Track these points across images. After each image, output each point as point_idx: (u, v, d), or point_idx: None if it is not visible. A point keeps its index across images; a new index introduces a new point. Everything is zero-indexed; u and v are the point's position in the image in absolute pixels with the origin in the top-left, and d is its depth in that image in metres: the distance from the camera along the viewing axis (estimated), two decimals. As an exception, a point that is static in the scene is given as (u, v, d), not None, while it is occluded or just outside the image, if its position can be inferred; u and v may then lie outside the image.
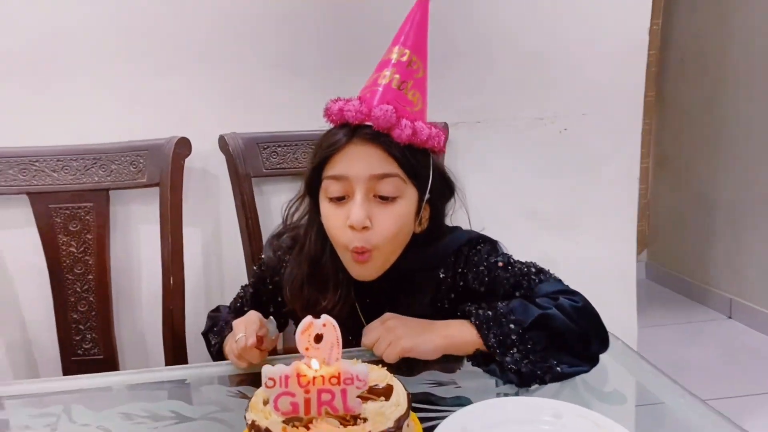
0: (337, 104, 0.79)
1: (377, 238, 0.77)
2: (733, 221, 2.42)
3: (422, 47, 0.81)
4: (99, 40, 1.21)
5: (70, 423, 0.66)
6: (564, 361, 0.70)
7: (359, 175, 0.76)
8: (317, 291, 0.83)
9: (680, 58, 2.66)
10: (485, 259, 0.84)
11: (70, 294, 1.23)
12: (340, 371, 0.54)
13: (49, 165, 1.19)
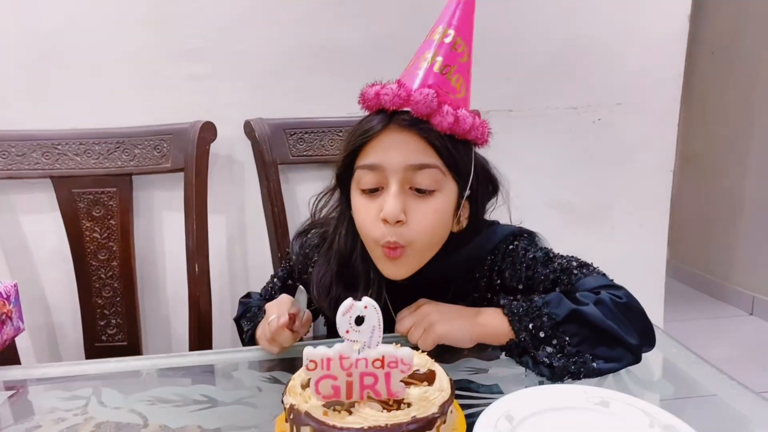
0: (374, 88, 0.73)
1: (412, 234, 0.71)
2: (756, 219, 2.40)
3: (469, 29, 0.75)
4: (124, 22, 1.19)
5: (101, 406, 0.64)
6: (601, 357, 0.66)
7: (394, 164, 0.70)
8: (346, 290, 0.78)
9: (711, 52, 2.59)
10: (523, 255, 0.79)
11: (94, 280, 1.22)
12: (384, 354, 0.51)
13: (72, 148, 1.17)
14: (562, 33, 1.35)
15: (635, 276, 1.42)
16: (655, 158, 1.45)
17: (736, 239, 2.51)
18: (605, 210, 1.46)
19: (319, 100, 1.27)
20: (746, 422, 0.58)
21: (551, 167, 1.41)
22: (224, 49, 1.23)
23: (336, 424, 0.49)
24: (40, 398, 0.68)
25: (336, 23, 1.25)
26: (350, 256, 0.79)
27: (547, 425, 0.56)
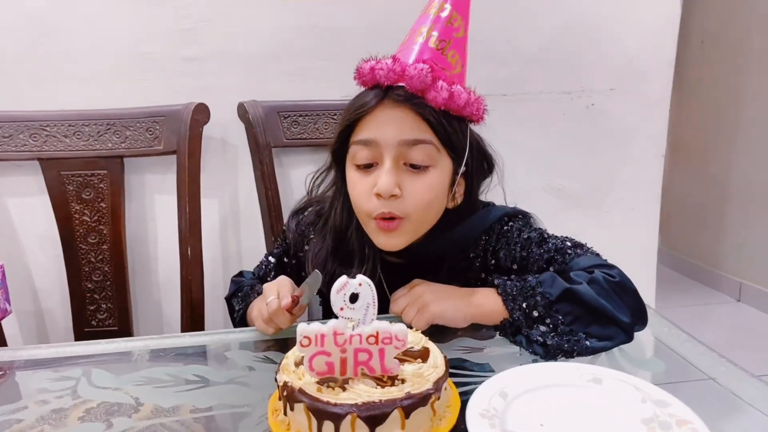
0: (369, 64, 0.73)
1: (407, 207, 0.72)
2: (744, 207, 2.43)
3: (465, 2, 0.75)
4: (115, 2, 1.17)
5: (90, 387, 0.63)
6: (594, 335, 0.66)
7: (389, 139, 0.71)
8: (341, 266, 0.78)
9: (701, 41, 2.60)
10: (518, 235, 0.80)
11: (84, 264, 1.20)
12: (378, 330, 0.51)
13: (60, 130, 1.15)
14: (557, 19, 1.34)
15: (627, 259, 1.42)
16: (647, 143, 1.45)
17: (724, 226, 2.54)
18: (598, 194, 1.46)
19: (313, 83, 1.26)
20: (738, 402, 0.58)
21: (545, 152, 1.41)
22: (218, 30, 1.21)
23: (330, 400, 0.49)
24: (27, 380, 0.67)
25: (331, 6, 1.23)
26: (346, 231, 0.79)
27: (541, 401, 0.56)
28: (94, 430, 0.55)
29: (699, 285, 2.70)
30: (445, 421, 0.53)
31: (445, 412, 0.54)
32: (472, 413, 0.53)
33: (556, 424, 0.53)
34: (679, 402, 0.53)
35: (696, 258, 2.73)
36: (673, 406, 0.53)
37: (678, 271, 2.85)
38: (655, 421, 0.52)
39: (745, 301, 2.47)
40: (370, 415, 0.48)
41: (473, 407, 0.54)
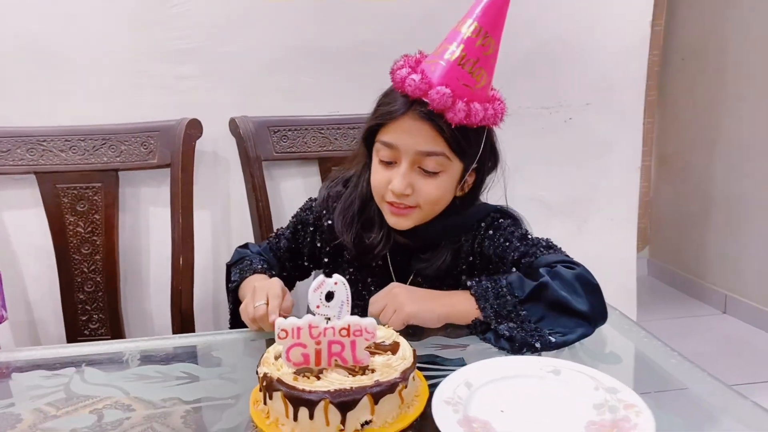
0: (402, 72, 0.80)
1: (418, 200, 0.83)
2: (729, 219, 2.47)
3: (499, 23, 0.81)
4: (112, 23, 1.22)
5: (83, 383, 0.67)
6: (557, 331, 0.72)
7: (407, 148, 0.81)
8: (363, 229, 0.89)
9: (681, 58, 2.69)
10: (504, 229, 0.88)
11: (76, 274, 1.24)
12: (349, 323, 0.56)
13: (57, 145, 1.20)
14: (534, 38, 1.41)
15: (608, 266, 1.50)
16: (623, 155, 1.52)
17: (709, 238, 2.58)
18: (577, 205, 1.52)
19: (302, 99, 1.31)
20: (716, 412, 0.61)
21: (525, 164, 1.45)
22: (210, 50, 1.27)
23: (305, 388, 0.54)
24: (22, 378, 0.70)
25: (319, 26, 1.30)
26: (370, 200, 0.89)
27: (503, 391, 0.60)
28: (86, 421, 0.59)
29: (686, 297, 2.71)
30: (413, 408, 0.58)
31: (413, 400, 0.59)
32: (438, 401, 0.57)
33: (516, 410, 0.57)
34: (628, 389, 0.58)
35: (683, 269, 2.76)
36: (622, 393, 0.58)
37: (666, 282, 2.87)
38: (605, 405, 0.57)
39: (731, 313, 2.48)
40: (341, 401, 0.53)
41: (439, 395, 0.58)
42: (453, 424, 0.53)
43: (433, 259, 0.88)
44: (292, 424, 0.54)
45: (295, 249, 0.99)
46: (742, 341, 2.27)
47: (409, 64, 0.81)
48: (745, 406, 0.59)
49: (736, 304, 2.45)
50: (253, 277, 0.89)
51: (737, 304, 2.44)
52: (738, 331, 2.35)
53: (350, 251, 0.91)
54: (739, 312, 2.43)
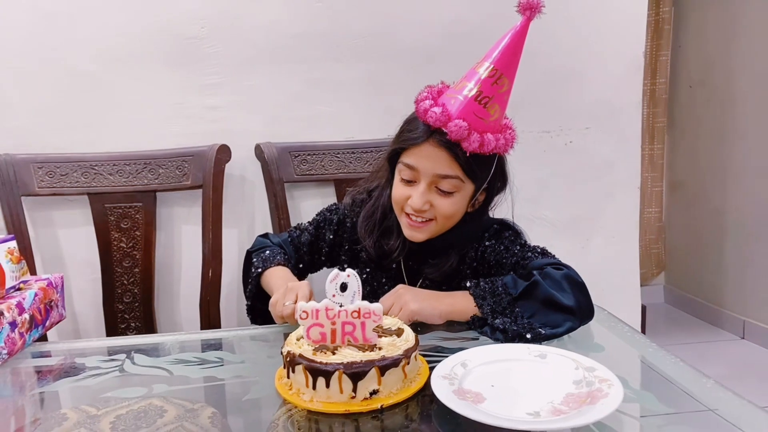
0: (425, 103, 0.91)
1: (435, 214, 0.93)
2: (745, 244, 2.47)
3: (513, 65, 0.90)
4: (151, 60, 1.38)
5: (133, 365, 0.78)
6: (547, 325, 0.81)
7: (427, 171, 0.91)
8: (382, 236, 1.00)
9: (689, 85, 2.76)
10: (506, 239, 0.99)
11: (117, 286, 1.37)
12: (360, 307, 0.66)
13: (106, 168, 1.35)
14: (536, 66, 1.52)
15: (612, 282, 1.57)
16: (622, 176, 1.60)
17: (724, 264, 2.57)
18: (580, 223, 1.60)
19: (320, 127, 1.44)
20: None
21: (528, 185, 1.53)
22: (238, 83, 1.42)
23: (322, 360, 0.63)
24: (87, 361, 0.82)
25: (334, 62, 1.44)
26: (390, 210, 0.99)
27: (494, 370, 0.69)
28: (138, 392, 0.70)
29: (703, 323, 2.68)
30: (415, 383, 0.67)
31: (415, 377, 0.68)
32: (436, 376, 0.66)
33: (504, 385, 0.66)
34: (605, 368, 0.66)
35: (700, 296, 2.73)
36: (598, 371, 0.66)
37: (682, 309, 2.83)
38: (583, 381, 0.65)
39: (749, 339, 2.45)
40: (353, 372, 0.62)
41: (437, 372, 0.67)
42: (449, 394, 0.62)
43: (441, 264, 0.98)
44: (311, 392, 0.64)
45: (316, 245, 1.09)
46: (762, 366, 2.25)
47: (432, 96, 0.92)
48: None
49: (755, 330, 2.42)
50: (277, 269, 0.99)
51: (756, 329, 2.42)
52: (757, 356, 2.33)
53: (369, 254, 1.02)
54: (757, 337, 2.41)
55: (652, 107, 2.74)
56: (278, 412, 0.65)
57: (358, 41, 1.44)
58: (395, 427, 0.62)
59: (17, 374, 0.80)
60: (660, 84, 2.73)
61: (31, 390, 0.76)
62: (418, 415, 0.65)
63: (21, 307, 0.85)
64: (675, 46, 2.75)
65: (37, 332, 0.89)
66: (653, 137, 2.77)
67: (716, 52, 2.56)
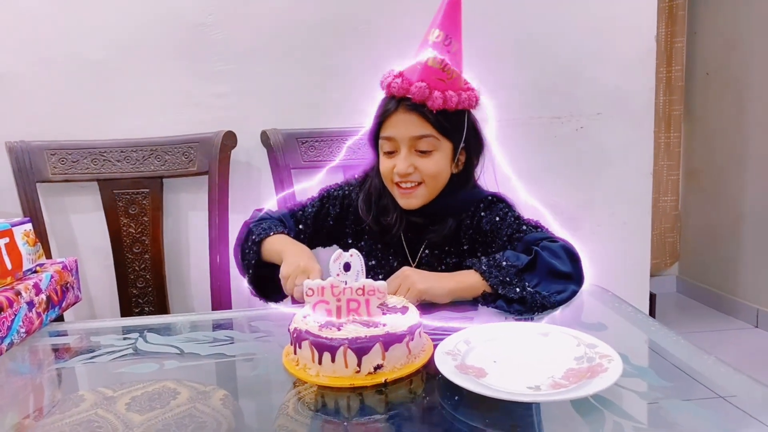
0: (388, 78, 1.00)
1: (422, 176, 0.98)
2: (760, 233, 2.44)
3: (456, 26, 0.98)
4: (159, 48, 1.40)
5: (146, 343, 0.80)
6: (554, 292, 0.86)
7: (403, 136, 0.97)
8: (379, 213, 1.05)
9: (706, 72, 2.72)
10: (500, 210, 1.03)
11: (130, 272, 1.39)
12: (364, 284, 0.67)
13: (114, 155, 1.37)
14: (547, 52, 1.52)
15: (622, 268, 1.57)
16: (634, 162, 1.59)
17: (740, 252, 2.55)
18: (591, 209, 1.59)
19: (327, 114, 1.45)
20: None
21: (539, 171, 1.54)
22: (244, 70, 1.43)
23: (328, 336, 0.65)
24: (102, 339, 0.84)
25: (340, 49, 1.44)
26: (382, 192, 1.05)
27: (496, 347, 0.70)
28: (150, 368, 0.72)
29: (717, 312, 2.67)
30: (419, 359, 0.68)
31: (419, 353, 0.69)
32: (440, 352, 0.67)
33: (506, 361, 0.67)
34: (606, 344, 0.66)
35: (713, 285, 2.71)
36: (599, 347, 0.66)
37: (694, 298, 2.82)
38: (584, 357, 0.65)
39: (763, 327, 2.45)
40: (357, 347, 0.64)
41: (441, 349, 0.68)
42: (452, 369, 0.63)
43: (440, 229, 1.02)
44: (318, 367, 0.65)
45: (321, 218, 1.12)
46: (776, 353, 2.25)
47: (393, 74, 0.99)
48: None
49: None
50: (280, 236, 1.01)
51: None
52: (771, 344, 2.34)
53: (372, 229, 1.06)
54: (772, 326, 2.42)
55: (668, 95, 2.70)
56: (288, 395, 0.66)
57: (365, 27, 1.44)
58: (399, 401, 0.63)
59: (35, 352, 0.83)
60: (676, 71, 2.69)
61: (48, 367, 0.79)
62: (422, 389, 0.66)
63: (38, 288, 0.87)
64: (690, 33, 2.70)
65: (54, 312, 0.92)
66: (669, 125, 2.73)
67: (732, 38, 2.51)
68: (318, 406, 0.63)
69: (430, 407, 0.63)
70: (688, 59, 2.71)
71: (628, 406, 0.59)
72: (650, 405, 0.61)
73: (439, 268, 1.05)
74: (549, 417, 0.61)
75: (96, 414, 0.63)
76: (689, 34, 2.69)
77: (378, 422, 0.60)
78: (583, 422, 0.57)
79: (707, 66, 2.69)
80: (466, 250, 1.04)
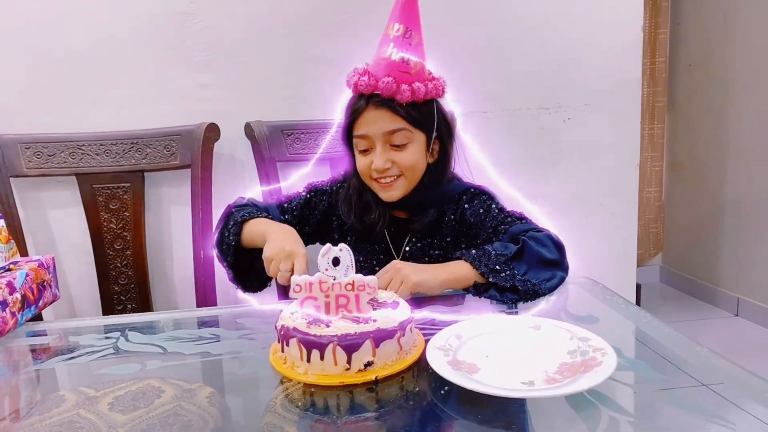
0: (354, 78, 1.00)
1: (400, 169, 0.99)
2: (740, 223, 2.48)
3: (415, 18, 0.99)
4: (139, 37, 1.35)
5: (128, 342, 0.78)
6: (542, 279, 0.87)
7: (376, 133, 0.97)
8: (362, 210, 1.05)
9: (689, 64, 2.74)
10: (484, 202, 1.04)
11: (111, 268, 1.35)
12: (354, 280, 0.65)
13: (93, 149, 1.32)
14: (533, 42, 1.50)
15: (609, 259, 1.57)
16: (621, 154, 1.59)
17: (721, 243, 2.58)
18: (579, 201, 1.59)
19: (313, 105, 1.42)
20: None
21: (526, 163, 1.54)
22: (228, 61, 1.39)
23: (316, 333, 0.63)
24: (81, 339, 0.81)
25: (326, 39, 1.41)
26: (363, 190, 1.06)
27: (488, 342, 0.69)
28: (132, 368, 0.69)
29: (698, 301, 2.71)
30: (410, 355, 0.66)
31: (411, 349, 0.67)
32: (431, 347, 0.66)
33: (499, 356, 0.65)
34: (599, 337, 0.66)
35: (695, 275, 2.75)
36: (592, 340, 0.66)
37: (677, 288, 2.86)
38: (577, 351, 0.64)
39: (743, 316, 2.48)
40: (347, 343, 0.62)
41: (432, 344, 0.66)
42: (444, 365, 0.62)
43: (422, 218, 1.03)
44: (306, 365, 0.63)
45: (307, 213, 1.11)
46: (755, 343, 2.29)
47: (358, 73, 0.99)
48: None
49: (749, 307, 2.45)
50: (265, 219, 1.00)
51: (750, 306, 2.45)
52: (751, 333, 2.36)
53: (356, 229, 1.05)
54: (751, 314, 2.44)
55: (652, 86, 2.71)
56: (275, 392, 0.64)
57: (350, 17, 1.41)
58: (390, 398, 0.62)
59: (10, 353, 0.80)
60: (659, 63, 2.70)
61: (25, 368, 0.76)
62: (413, 386, 0.64)
63: (12, 287, 0.84)
64: (674, 24, 2.72)
65: (30, 312, 0.88)
66: (653, 117, 2.75)
67: (715, 30, 2.53)
68: (307, 404, 0.61)
69: (422, 404, 0.62)
70: (671, 51, 2.72)
71: (622, 399, 0.58)
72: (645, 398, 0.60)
73: (423, 259, 1.05)
74: (543, 412, 0.60)
75: (78, 414, 0.60)
76: (673, 26, 2.70)
77: (368, 420, 0.59)
78: (577, 417, 0.56)
79: (690, 58, 2.71)
80: (450, 243, 1.04)
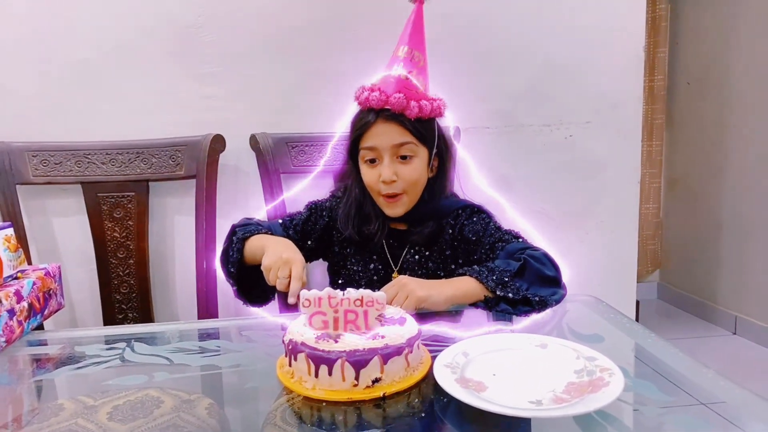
0: (364, 94, 1.06)
1: (403, 185, 1.04)
2: (739, 241, 2.48)
3: (421, 42, 1.07)
4: (147, 48, 1.37)
5: (134, 353, 0.78)
6: (545, 295, 0.89)
7: (385, 145, 1.03)
8: (361, 223, 1.10)
9: (687, 82, 2.77)
10: (482, 219, 1.09)
11: (113, 277, 1.36)
12: (363, 295, 0.65)
13: (99, 158, 1.33)
14: (536, 60, 1.52)
15: (608, 276, 1.58)
16: (622, 171, 1.60)
17: (719, 260, 2.59)
18: (579, 217, 1.60)
19: (317, 118, 1.43)
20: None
21: (527, 179, 1.55)
22: (234, 73, 1.40)
23: (325, 348, 0.63)
24: (88, 349, 0.81)
25: (330, 53, 1.43)
26: (363, 203, 1.10)
27: (495, 359, 0.69)
28: (139, 380, 0.69)
29: (696, 319, 2.71)
30: (417, 371, 0.67)
31: (418, 365, 0.68)
32: (439, 365, 0.66)
33: (506, 374, 0.66)
34: (605, 357, 0.66)
35: (693, 292, 2.75)
36: (599, 360, 0.66)
37: (675, 305, 2.86)
38: (584, 370, 0.65)
39: (741, 334, 2.48)
40: (355, 359, 0.62)
41: (440, 361, 0.67)
42: (451, 383, 0.62)
43: (422, 229, 1.08)
44: (314, 380, 0.63)
45: (309, 228, 1.14)
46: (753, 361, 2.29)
47: (368, 89, 1.05)
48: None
49: (747, 325, 2.45)
50: (265, 235, 1.03)
51: (748, 325, 2.45)
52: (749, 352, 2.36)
53: (354, 240, 1.09)
54: (749, 333, 2.44)
55: (650, 104, 2.74)
56: (276, 403, 0.64)
57: (356, 32, 1.43)
58: (398, 416, 0.62)
59: (15, 362, 0.80)
60: (658, 81, 2.74)
61: (30, 378, 0.76)
62: (421, 403, 0.65)
63: (19, 296, 0.84)
64: (672, 43, 2.75)
65: (35, 320, 0.88)
66: (652, 134, 2.78)
67: (713, 48, 2.56)
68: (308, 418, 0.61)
69: (430, 422, 0.62)
70: (669, 69, 2.76)
71: (629, 420, 0.59)
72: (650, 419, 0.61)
73: (420, 271, 1.08)
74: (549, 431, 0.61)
75: (76, 424, 0.60)
76: (671, 45, 2.74)
77: (376, 437, 0.59)
78: (584, 437, 0.57)
79: (688, 76, 2.74)
80: (449, 256, 1.08)
